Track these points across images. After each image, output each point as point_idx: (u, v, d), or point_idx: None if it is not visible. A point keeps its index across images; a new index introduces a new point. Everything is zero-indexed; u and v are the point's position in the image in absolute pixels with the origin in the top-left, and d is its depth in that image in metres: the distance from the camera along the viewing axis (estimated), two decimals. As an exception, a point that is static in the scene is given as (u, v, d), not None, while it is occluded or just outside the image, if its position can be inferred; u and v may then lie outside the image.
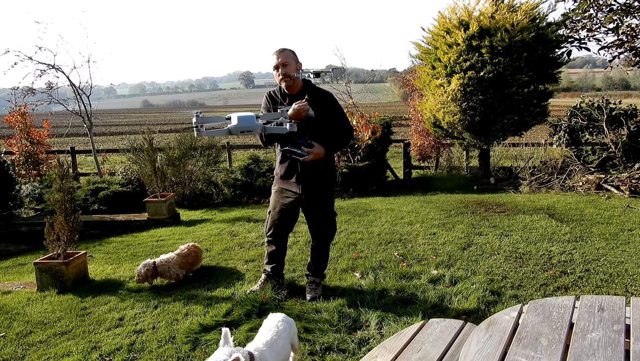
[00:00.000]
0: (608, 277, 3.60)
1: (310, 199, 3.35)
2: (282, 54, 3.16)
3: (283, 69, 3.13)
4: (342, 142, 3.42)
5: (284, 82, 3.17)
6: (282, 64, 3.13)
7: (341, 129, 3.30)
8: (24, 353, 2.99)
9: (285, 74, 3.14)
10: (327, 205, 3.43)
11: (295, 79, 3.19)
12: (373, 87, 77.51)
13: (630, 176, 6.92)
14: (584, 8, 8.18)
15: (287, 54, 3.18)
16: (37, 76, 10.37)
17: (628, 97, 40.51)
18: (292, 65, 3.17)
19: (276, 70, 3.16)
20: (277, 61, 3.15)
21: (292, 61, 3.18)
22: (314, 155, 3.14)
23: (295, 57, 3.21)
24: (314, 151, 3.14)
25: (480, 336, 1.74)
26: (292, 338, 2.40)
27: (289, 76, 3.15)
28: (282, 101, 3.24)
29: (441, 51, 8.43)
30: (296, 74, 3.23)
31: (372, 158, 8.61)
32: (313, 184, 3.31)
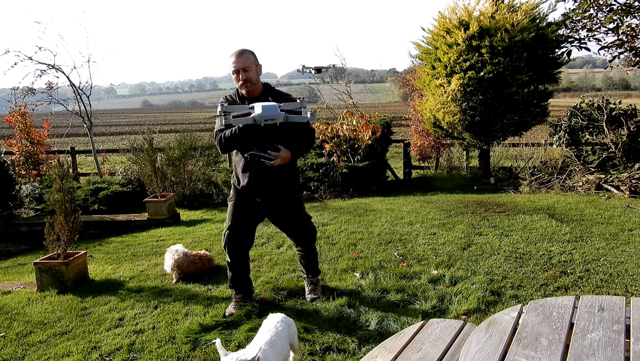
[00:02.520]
0: (608, 277, 3.60)
1: (280, 207, 3.24)
2: (242, 58, 2.96)
3: (244, 74, 2.95)
4: (307, 145, 3.27)
5: (245, 88, 3.01)
6: (243, 68, 2.95)
7: (304, 131, 3.14)
8: (24, 353, 3.00)
9: (245, 79, 2.96)
10: (298, 210, 3.32)
11: (256, 83, 3.03)
12: (373, 87, 77.50)
13: (630, 176, 6.92)
14: (584, 8, 8.18)
15: (247, 57, 2.98)
16: (37, 76, 10.38)
17: (628, 97, 40.50)
18: (253, 69, 2.99)
19: (236, 74, 2.98)
20: (236, 66, 2.96)
21: (253, 64, 2.99)
22: (281, 159, 2.98)
23: (256, 60, 3.04)
24: (281, 155, 2.98)
25: (480, 336, 1.74)
26: (292, 338, 2.40)
27: (250, 81, 2.98)
28: (241, 104, 3.07)
29: (441, 51, 8.43)
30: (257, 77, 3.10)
31: (372, 158, 8.61)
32: (280, 191, 3.18)
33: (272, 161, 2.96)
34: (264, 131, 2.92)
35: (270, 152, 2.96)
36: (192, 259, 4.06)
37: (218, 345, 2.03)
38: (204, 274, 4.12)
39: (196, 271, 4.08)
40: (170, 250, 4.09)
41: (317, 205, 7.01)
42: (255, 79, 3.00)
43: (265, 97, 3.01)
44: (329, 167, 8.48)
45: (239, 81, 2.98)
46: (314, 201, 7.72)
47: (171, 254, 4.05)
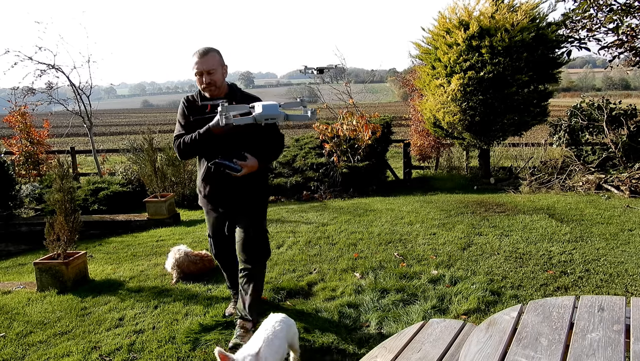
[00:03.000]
0: (608, 277, 3.60)
1: (239, 215, 2.96)
2: (207, 59, 2.71)
3: (208, 76, 2.71)
4: (275, 153, 3.02)
5: (209, 91, 2.79)
6: (207, 71, 2.71)
7: (273, 138, 2.92)
8: (24, 353, 3.00)
9: (210, 82, 2.73)
10: (258, 221, 2.98)
11: (221, 85, 2.79)
12: (373, 87, 77.47)
13: (630, 176, 6.92)
14: (584, 8, 8.18)
15: (212, 57, 2.73)
16: (37, 76, 10.39)
17: (628, 97, 40.48)
18: (218, 71, 2.75)
19: (199, 76, 2.73)
20: (200, 67, 2.71)
21: (218, 65, 2.76)
22: (248, 169, 2.74)
23: (221, 60, 2.80)
24: (247, 164, 2.73)
25: (480, 336, 1.74)
26: (292, 338, 2.41)
27: (215, 84, 2.75)
28: (202, 107, 2.83)
29: (441, 51, 8.43)
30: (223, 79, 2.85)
31: (372, 158, 8.61)
32: (244, 200, 2.92)
33: (238, 171, 2.70)
34: (228, 136, 2.69)
35: (236, 161, 2.69)
36: (192, 260, 4.06)
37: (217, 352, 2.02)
38: (204, 274, 4.12)
39: (196, 271, 4.08)
40: (174, 249, 4.09)
41: (317, 205, 7.01)
42: (220, 81, 2.77)
43: (230, 100, 2.75)
44: (329, 167, 8.48)
45: (202, 84, 2.75)
46: (314, 201, 7.72)
47: (173, 253, 4.05)
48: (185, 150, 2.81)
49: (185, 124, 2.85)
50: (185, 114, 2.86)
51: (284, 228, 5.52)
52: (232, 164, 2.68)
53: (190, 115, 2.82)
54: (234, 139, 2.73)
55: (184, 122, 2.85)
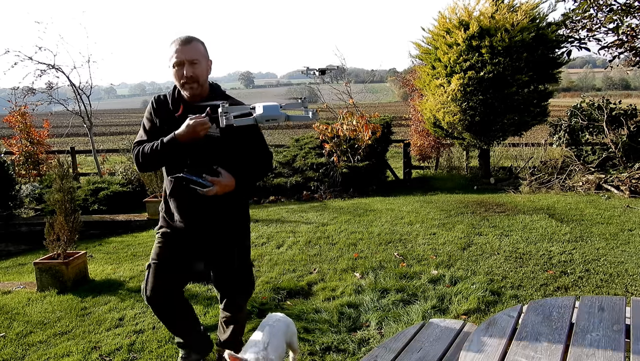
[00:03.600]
0: (608, 277, 3.60)
1: (220, 252, 2.40)
2: (190, 47, 2.17)
3: (190, 68, 2.15)
4: (259, 172, 2.45)
5: (189, 89, 2.20)
6: (190, 60, 2.15)
7: (258, 154, 2.37)
8: (24, 353, 2.99)
9: (192, 76, 2.16)
10: (245, 259, 2.47)
11: (204, 84, 2.24)
12: (373, 87, 77.46)
13: (630, 176, 6.92)
14: (584, 8, 8.18)
15: (196, 46, 2.19)
16: (37, 76, 10.38)
17: (628, 97, 40.47)
18: (202, 63, 2.20)
19: (178, 68, 2.16)
20: (180, 56, 2.15)
21: (203, 57, 2.21)
22: (220, 186, 2.17)
23: (206, 53, 2.26)
24: (221, 180, 2.18)
25: (480, 336, 1.74)
26: (291, 338, 2.41)
27: (197, 80, 2.18)
28: (172, 110, 2.27)
29: (441, 51, 8.43)
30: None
31: (372, 158, 8.61)
32: (223, 232, 2.36)
33: (206, 188, 2.16)
34: (200, 148, 2.19)
35: (205, 176, 2.18)
36: None
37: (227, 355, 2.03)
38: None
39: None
40: None
41: (317, 205, 7.01)
42: (203, 78, 2.21)
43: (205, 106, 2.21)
44: (329, 167, 8.48)
45: (181, 78, 2.17)
46: (314, 201, 7.72)
47: None
48: (145, 161, 2.25)
49: (149, 129, 2.29)
50: (152, 117, 2.30)
51: (284, 228, 5.52)
52: (199, 179, 2.16)
53: (158, 119, 2.28)
54: (207, 151, 2.22)
55: (148, 126, 2.30)
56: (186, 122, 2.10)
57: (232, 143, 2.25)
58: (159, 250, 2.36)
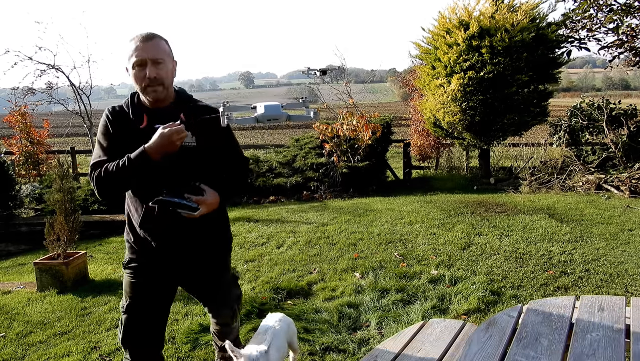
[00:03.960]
0: (608, 277, 3.60)
1: (201, 274, 2.14)
2: (153, 45, 1.86)
3: (154, 68, 1.84)
4: (241, 182, 2.16)
5: (152, 93, 1.88)
6: (154, 60, 1.84)
7: (236, 161, 2.12)
8: (24, 353, 2.99)
9: (156, 78, 1.85)
10: (226, 275, 2.26)
11: (170, 87, 1.95)
12: (373, 87, 77.46)
13: (630, 176, 6.92)
14: (584, 8, 8.18)
15: (159, 44, 1.89)
16: (37, 76, 10.40)
17: (628, 97, 40.50)
18: (167, 64, 1.89)
19: (139, 68, 1.85)
20: (142, 54, 1.84)
21: (168, 57, 1.91)
22: (206, 206, 1.91)
23: (171, 52, 1.96)
24: (207, 199, 1.92)
25: (480, 336, 1.74)
26: (291, 337, 2.41)
27: (162, 83, 1.87)
28: (134, 121, 1.92)
29: (441, 51, 8.43)
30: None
31: (372, 158, 8.61)
32: (204, 254, 2.10)
33: (194, 210, 1.89)
34: (172, 163, 1.88)
35: (189, 197, 1.89)
36: None
37: (228, 346, 2.05)
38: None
39: None
40: None
41: (317, 205, 7.01)
42: (169, 80, 1.92)
43: (176, 110, 1.95)
44: (329, 167, 8.48)
45: (142, 80, 1.85)
46: (314, 201, 7.72)
47: None
48: (109, 183, 1.86)
49: (108, 146, 1.91)
50: (108, 131, 1.92)
51: (284, 228, 5.52)
52: (184, 201, 1.87)
53: (117, 133, 1.91)
54: (184, 165, 1.93)
55: (107, 144, 1.91)
56: (159, 132, 1.79)
57: (209, 153, 1.98)
58: (134, 291, 2.01)
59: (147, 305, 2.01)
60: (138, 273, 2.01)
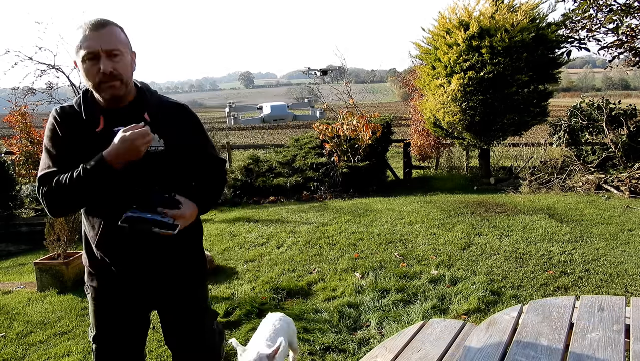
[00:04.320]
0: (608, 277, 3.60)
1: (169, 300, 1.78)
2: (106, 33, 1.54)
3: (109, 61, 1.52)
4: (218, 188, 1.86)
5: (108, 90, 1.55)
6: (108, 51, 1.52)
7: (211, 165, 1.82)
8: (24, 353, 2.99)
9: (113, 72, 1.53)
10: (202, 314, 1.87)
11: (129, 83, 1.61)
12: (373, 87, 77.46)
13: (630, 176, 6.92)
14: (584, 8, 8.18)
15: (113, 31, 1.56)
16: (37, 76, 10.37)
17: (628, 97, 40.50)
18: (125, 56, 1.58)
19: (91, 61, 1.52)
20: (94, 45, 1.51)
21: (125, 47, 1.59)
22: (184, 220, 1.62)
23: (129, 42, 1.64)
24: (184, 213, 1.62)
25: (480, 336, 1.74)
26: (291, 337, 2.41)
27: (120, 78, 1.55)
28: (87, 123, 1.59)
29: (441, 51, 8.43)
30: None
31: (372, 158, 8.61)
32: (178, 272, 1.75)
33: (173, 228, 1.55)
34: (139, 170, 1.57)
35: (164, 211, 1.55)
36: None
37: (235, 343, 2.08)
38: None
39: None
40: None
41: (317, 205, 7.01)
42: (128, 74, 1.59)
43: (138, 109, 1.63)
44: (329, 167, 8.49)
45: (95, 76, 1.52)
46: (314, 201, 7.72)
47: None
48: (61, 200, 1.55)
49: (58, 154, 1.59)
50: (56, 136, 1.60)
51: (284, 228, 5.52)
52: (158, 216, 1.53)
53: (68, 138, 1.59)
54: (148, 175, 1.61)
55: (56, 151, 1.59)
56: (119, 137, 1.49)
57: (180, 156, 1.68)
58: (98, 321, 1.75)
59: (116, 335, 1.74)
60: (100, 300, 1.74)
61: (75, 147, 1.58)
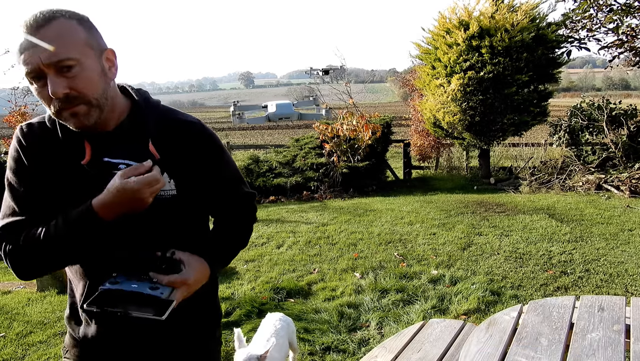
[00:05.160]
0: (608, 277, 3.61)
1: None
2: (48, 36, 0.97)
3: (61, 80, 0.98)
4: (245, 232, 1.37)
5: (72, 120, 1.03)
6: (57, 64, 0.97)
7: (237, 205, 1.33)
8: (24, 353, 2.99)
9: (70, 94, 0.99)
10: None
11: (104, 99, 1.06)
12: (373, 87, 77.48)
13: (630, 176, 6.92)
14: (584, 8, 8.18)
15: (60, 32, 0.99)
16: (37, 76, 10.37)
17: (628, 97, 40.51)
18: (86, 65, 1.01)
19: (38, 82, 1.00)
20: (34, 59, 0.97)
21: (86, 49, 1.02)
22: (187, 287, 1.09)
23: (93, 39, 1.06)
24: (186, 278, 1.08)
25: (480, 336, 1.74)
26: (291, 337, 2.41)
27: (85, 100, 1.02)
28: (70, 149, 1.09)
29: (441, 51, 8.44)
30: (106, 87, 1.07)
31: (372, 158, 8.62)
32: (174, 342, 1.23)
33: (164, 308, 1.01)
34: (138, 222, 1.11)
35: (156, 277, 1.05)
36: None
37: (237, 335, 2.07)
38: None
39: None
40: None
41: (317, 205, 7.01)
42: (99, 92, 1.04)
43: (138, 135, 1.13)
44: (329, 167, 8.49)
45: (49, 102, 1.01)
46: (314, 201, 7.72)
47: None
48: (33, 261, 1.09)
49: (25, 193, 1.11)
50: (23, 167, 1.11)
51: (284, 228, 5.52)
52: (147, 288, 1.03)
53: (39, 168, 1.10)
54: (151, 225, 1.13)
55: (23, 188, 1.11)
56: (119, 184, 1.02)
57: (196, 199, 1.20)
58: None
59: None
60: None
61: (50, 182, 1.10)
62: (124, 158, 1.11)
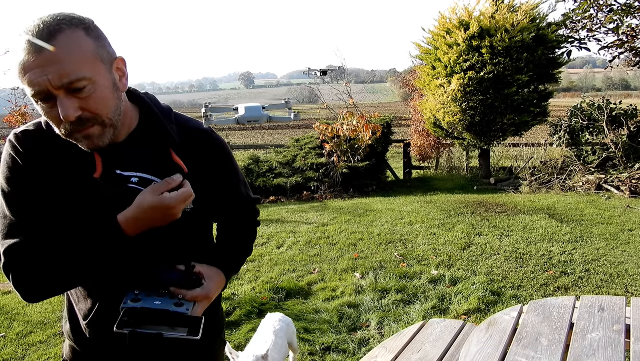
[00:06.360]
0: (608, 277, 3.61)
1: None
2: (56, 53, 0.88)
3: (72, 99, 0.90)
4: (250, 238, 1.39)
5: (84, 141, 0.96)
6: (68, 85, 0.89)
7: (242, 211, 1.36)
8: (24, 353, 2.99)
9: (82, 117, 0.92)
10: None
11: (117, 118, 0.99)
12: (373, 87, 77.48)
13: (630, 176, 6.92)
14: (584, 8, 8.19)
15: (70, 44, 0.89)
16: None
17: (628, 97, 40.52)
18: (99, 83, 0.93)
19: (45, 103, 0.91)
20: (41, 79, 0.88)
21: (97, 64, 0.93)
22: (208, 301, 1.09)
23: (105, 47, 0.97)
24: (208, 292, 1.07)
25: (480, 336, 1.74)
26: (291, 337, 2.41)
27: (99, 120, 0.95)
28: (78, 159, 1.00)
29: (441, 51, 8.44)
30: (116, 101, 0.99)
31: (372, 158, 8.62)
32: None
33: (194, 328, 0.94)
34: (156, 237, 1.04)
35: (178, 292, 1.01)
36: None
37: (227, 348, 2.05)
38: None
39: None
40: None
41: (317, 205, 7.01)
42: (110, 109, 0.96)
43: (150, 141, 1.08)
44: (329, 167, 8.49)
45: (58, 123, 0.93)
46: (314, 201, 7.72)
47: None
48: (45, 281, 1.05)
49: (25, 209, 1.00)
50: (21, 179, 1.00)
51: (284, 228, 5.52)
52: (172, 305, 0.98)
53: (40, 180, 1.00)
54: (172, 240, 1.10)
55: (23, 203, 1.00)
56: (150, 201, 0.98)
57: (209, 208, 1.19)
58: None
59: None
60: None
61: (55, 195, 0.99)
62: (137, 171, 1.05)
